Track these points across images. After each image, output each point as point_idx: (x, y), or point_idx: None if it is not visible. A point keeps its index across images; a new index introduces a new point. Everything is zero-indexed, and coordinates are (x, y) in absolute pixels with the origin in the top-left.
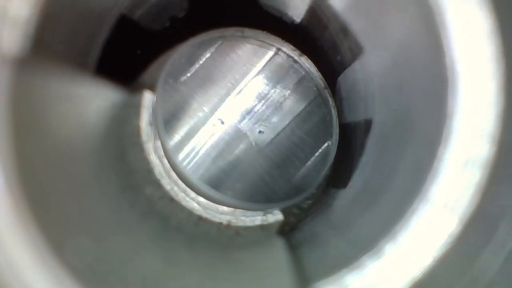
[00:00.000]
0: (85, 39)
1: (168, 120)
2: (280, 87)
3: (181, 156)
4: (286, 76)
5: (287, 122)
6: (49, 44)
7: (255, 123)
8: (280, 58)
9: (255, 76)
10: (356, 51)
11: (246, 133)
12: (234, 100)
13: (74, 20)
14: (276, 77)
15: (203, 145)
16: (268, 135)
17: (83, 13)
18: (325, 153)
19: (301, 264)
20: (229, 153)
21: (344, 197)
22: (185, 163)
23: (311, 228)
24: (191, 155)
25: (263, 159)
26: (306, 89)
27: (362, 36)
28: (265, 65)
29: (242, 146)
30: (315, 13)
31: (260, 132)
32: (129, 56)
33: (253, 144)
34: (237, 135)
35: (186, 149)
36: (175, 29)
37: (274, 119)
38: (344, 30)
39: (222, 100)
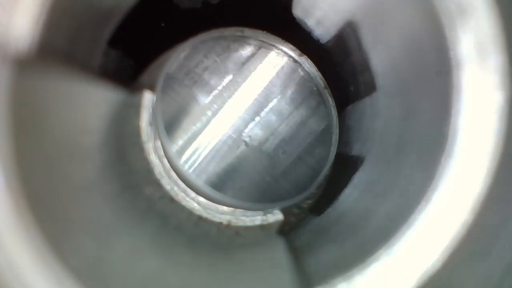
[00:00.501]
0: (95, 26)
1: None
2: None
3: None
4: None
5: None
6: (53, 43)
7: (278, 143)
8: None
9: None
10: (370, 88)
11: (269, 153)
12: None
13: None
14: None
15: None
16: (289, 156)
17: None
18: (326, 153)
19: (301, 264)
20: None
21: (313, 224)
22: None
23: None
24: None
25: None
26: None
27: (379, 75)
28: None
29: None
30: (342, 40)
31: (283, 153)
32: (150, 30)
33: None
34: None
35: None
36: (204, 13)
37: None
38: (364, 64)
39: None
